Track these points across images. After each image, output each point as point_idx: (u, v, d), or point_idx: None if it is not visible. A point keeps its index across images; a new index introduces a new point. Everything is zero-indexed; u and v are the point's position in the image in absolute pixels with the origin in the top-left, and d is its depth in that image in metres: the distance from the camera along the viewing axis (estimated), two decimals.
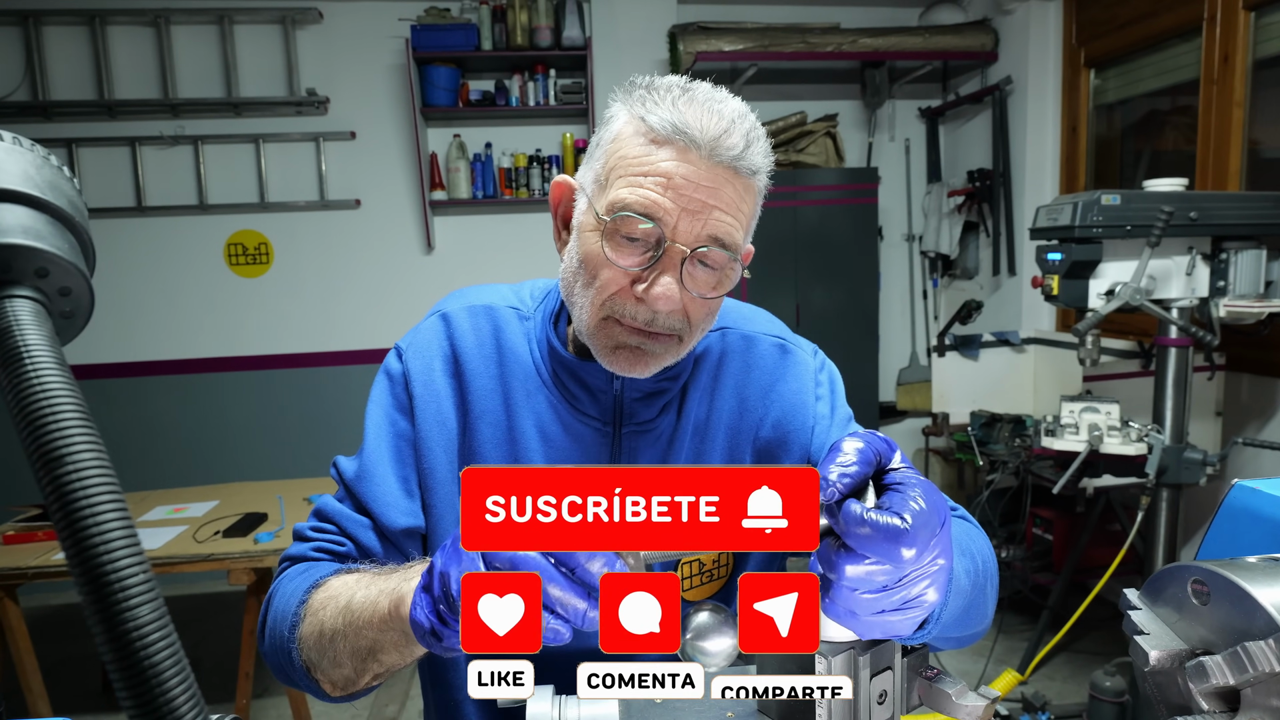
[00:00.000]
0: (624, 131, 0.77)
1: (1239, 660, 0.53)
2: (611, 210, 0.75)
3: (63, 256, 0.35)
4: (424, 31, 3.53)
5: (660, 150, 0.74)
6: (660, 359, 0.81)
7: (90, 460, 0.29)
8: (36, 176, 0.36)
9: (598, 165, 0.79)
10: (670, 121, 0.73)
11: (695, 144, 0.73)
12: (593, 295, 0.78)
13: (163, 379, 3.81)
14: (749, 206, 0.79)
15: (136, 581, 0.28)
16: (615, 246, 0.76)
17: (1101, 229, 2.11)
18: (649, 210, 0.73)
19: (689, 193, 0.73)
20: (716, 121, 0.74)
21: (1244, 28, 2.63)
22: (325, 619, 0.71)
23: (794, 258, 3.74)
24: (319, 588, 0.75)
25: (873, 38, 3.70)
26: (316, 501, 0.89)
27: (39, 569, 2.22)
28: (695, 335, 0.82)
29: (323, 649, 0.71)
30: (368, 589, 0.68)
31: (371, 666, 0.69)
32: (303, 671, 0.75)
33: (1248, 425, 2.67)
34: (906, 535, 0.48)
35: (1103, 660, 2.45)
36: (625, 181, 0.75)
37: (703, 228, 0.74)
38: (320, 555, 0.85)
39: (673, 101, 0.75)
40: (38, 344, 0.31)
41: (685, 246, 0.75)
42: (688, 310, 0.78)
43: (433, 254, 3.91)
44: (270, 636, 0.79)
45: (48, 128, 3.58)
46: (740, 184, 0.76)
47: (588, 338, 0.81)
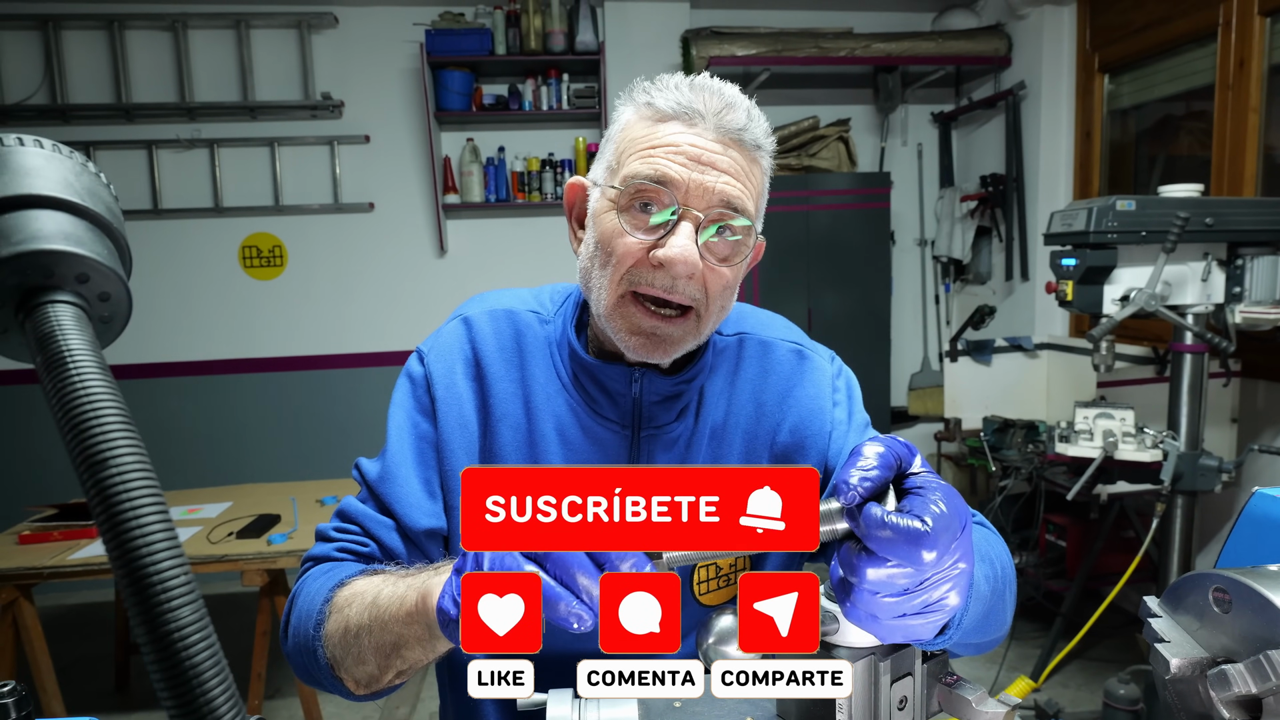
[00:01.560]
0: (631, 119, 0.81)
1: (1261, 669, 0.53)
2: (625, 182, 0.78)
3: (102, 262, 0.35)
4: (438, 36, 3.56)
5: (667, 125, 0.78)
6: (679, 342, 0.81)
7: (133, 463, 0.29)
8: (76, 183, 0.37)
9: (608, 156, 0.82)
10: (675, 100, 0.78)
11: (700, 115, 0.77)
12: (610, 271, 0.79)
13: (177, 380, 3.85)
14: (756, 180, 0.81)
15: (178, 582, 0.28)
16: (631, 217, 0.78)
17: (1117, 234, 2.10)
18: (661, 177, 0.76)
19: (698, 159, 0.76)
20: (719, 99, 0.79)
21: (1259, 33, 2.61)
22: (351, 615, 0.72)
23: (806, 262, 3.74)
24: (344, 586, 0.76)
25: (885, 43, 3.70)
26: (340, 503, 0.90)
27: (54, 569, 2.24)
28: (713, 312, 0.82)
29: (347, 646, 0.72)
30: (394, 586, 0.69)
31: (395, 663, 0.69)
32: (327, 669, 0.75)
33: (1263, 432, 2.65)
34: (927, 538, 0.49)
35: (1117, 668, 2.44)
36: (636, 157, 0.78)
37: (714, 193, 0.77)
38: (344, 556, 0.85)
39: (676, 86, 0.79)
40: (80, 349, 0.31)
41: (699, 212, 0.77)
42: (705, 281, 0.79)
43: (445, 257, 3.93)
44: (294, 635, 0.79)
45: (66, 131, 3.61)
46: (746, 155, 0.79)
47: (606, 321, 0.82)
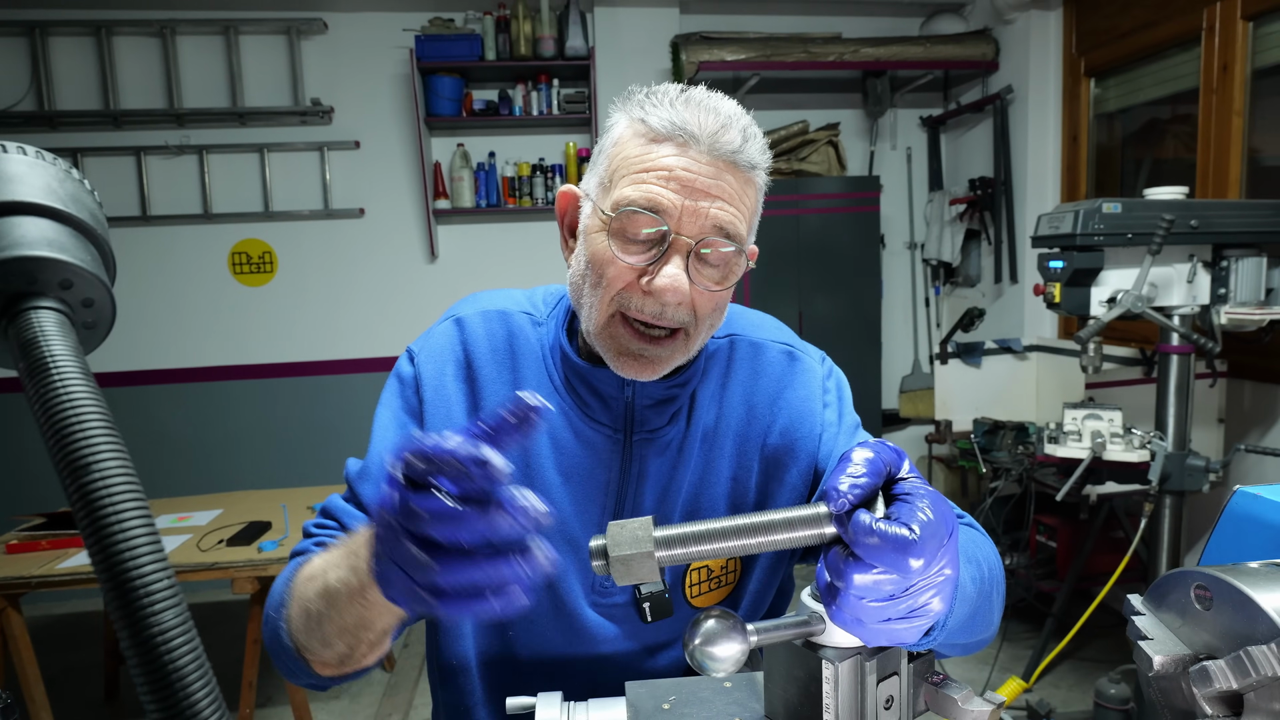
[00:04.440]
0: (624, 135, 0.80)
1: (1242, 665, 0.53)
2: (616, 208, 0.77)
3: (85, 268, 0.35)
4: (428, 42, 3.56)
5: (660, 147, 0.76)
6: (667, 361, 0.81)
7: (116, 468, 0.29)
8: (60, 190, 0.37)
9: (601, 170, 0.81)
10: (669, 120, 0.76)
11: (694, 138, 0.76)
12: (600, 294, 0.79)
13: (167, 388, 3.83)
14: (750, 200, 0.80)
15: (161, 587, 0.29)
16: (622, 243, 0.77)
17: (1103, 237, 2.12)
18: (653, 204, 0.75)
19: (691, 184, 0.75)
20: (714, 118, 0.77)
21: (1243, 37, 2.64)
22: (310, 602, 0.70)
23: (797, 266, 3.75)
24: (302, 568, 0.75)
25: (874, 47, 3.72)
26: (325, 500, 0.90)
27: (42, 578, 2.22)
28: (702, 331, 0.82)
29: (310, 630, 0.70)
30: (338, 568, 0.67)
31: (365, 636, 0.68)
32: (292, 652, 0.74)
33: (1250, 432, 2.67)
34: (915, 546, 0.49)
35: (1107, 667, 2.45)
36: (628, 180, 0.77)
37: (706, 219, 0.76)
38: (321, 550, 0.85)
39: (670, 102, 0.77)
40: (63, 355, 0.32)
41: (690, 238, 0.76)
42: (695, 303, 0.79)
43: (436, 263, 3.92)
44: (265, 622, 0.79)
45: (54, 137, 3.60)
46: (740, 177, 0.78)
47: (595, 339, 0.82)
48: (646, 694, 0.76)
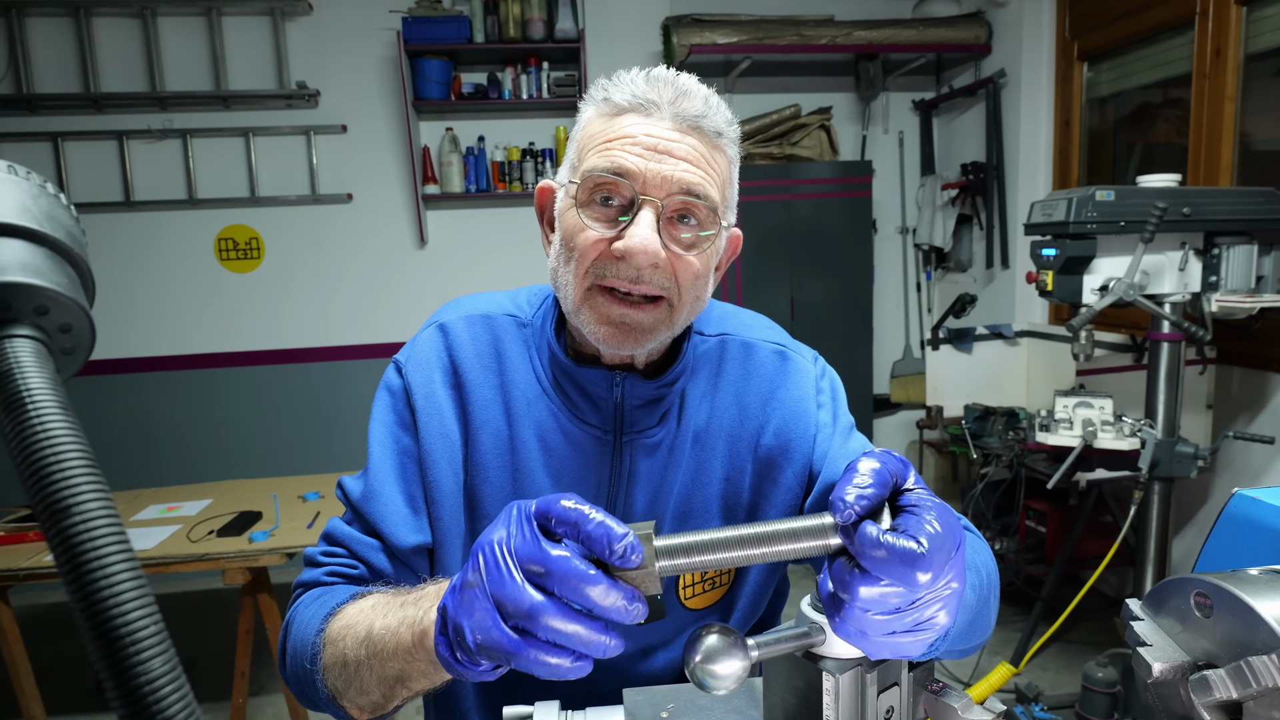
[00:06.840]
0: (590, 117, 0.82)
1: (1242, 674, 0.53)
2: (583, 177, 0.78)
3: (63, 293, 0.34)
4: (415, 24, 3.50)
5: (624, 118, 0.78)
6: (651, 330, 0.80)
7: (97, 509, 0.28)
8: (34, 208, 0.36)
9: (571, 155, 0.83)
10: (631, 93, 0.78)
11: (656, 105, 0.77)
12: (575, 266, 0.79)
13: (153, 375, 3.79)
14: (721, 167, 0.80)
15: (149, 633, 0.27)
16: (591, 210, 0.78)
17: (1096, 225, 2.12)
18: (618, 168, 0.76)
19: (654, 147, 0.76)
20: (674, 89, 0.79)
21: (1235, 22, 2.63)
22: (347, 650, 0.69)
23: (788, 251, 3.74)
24: (335, 616, 0.73)
25: (866, 30, 3.69)
26: (326, 525, 0.88)
27: (30, 570, 2.20)
28: (686, 302, 0.81)
29: (348, 679, 0.70)
30: (385, 618, 0.66)
31: (400, 692, 0.67)
32: (328, 699, 0.73)
33: (1238, 418, 2.69)
34: (923, 560, 0.48)
35: (1095, 650, 2.48)
36: (594, 151, 0.78)
37: (673, 181, 0.76)
38: (333, 580, 0.84)
39: (631, 80, 0.80)
40: (40, 387, 0.30)
41: (658, 199, 0.76)
42: (675, 270, 0.78)
43: (426, 248, 3.89)
44: (292, 665, 0.78)
45: (33, 121, 3.54)
46: (705, 141, 0.79)
47: (576, 317, 0.81)
48: (644, 701, 0.76)
